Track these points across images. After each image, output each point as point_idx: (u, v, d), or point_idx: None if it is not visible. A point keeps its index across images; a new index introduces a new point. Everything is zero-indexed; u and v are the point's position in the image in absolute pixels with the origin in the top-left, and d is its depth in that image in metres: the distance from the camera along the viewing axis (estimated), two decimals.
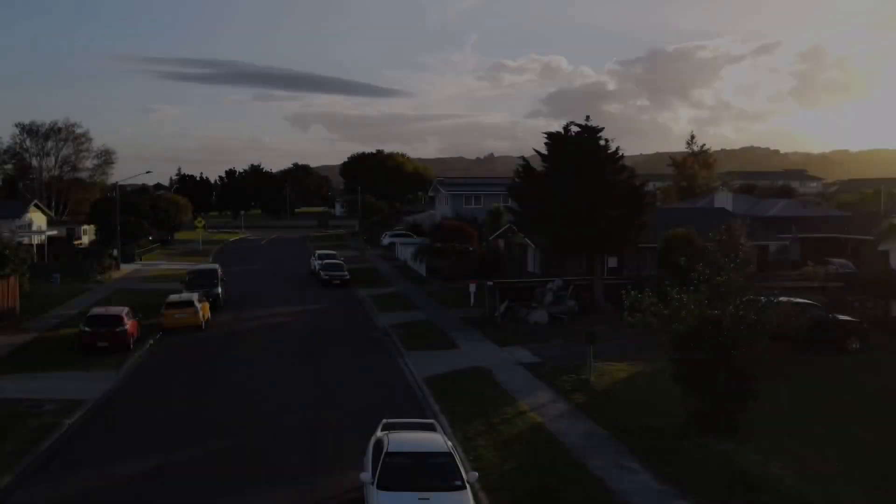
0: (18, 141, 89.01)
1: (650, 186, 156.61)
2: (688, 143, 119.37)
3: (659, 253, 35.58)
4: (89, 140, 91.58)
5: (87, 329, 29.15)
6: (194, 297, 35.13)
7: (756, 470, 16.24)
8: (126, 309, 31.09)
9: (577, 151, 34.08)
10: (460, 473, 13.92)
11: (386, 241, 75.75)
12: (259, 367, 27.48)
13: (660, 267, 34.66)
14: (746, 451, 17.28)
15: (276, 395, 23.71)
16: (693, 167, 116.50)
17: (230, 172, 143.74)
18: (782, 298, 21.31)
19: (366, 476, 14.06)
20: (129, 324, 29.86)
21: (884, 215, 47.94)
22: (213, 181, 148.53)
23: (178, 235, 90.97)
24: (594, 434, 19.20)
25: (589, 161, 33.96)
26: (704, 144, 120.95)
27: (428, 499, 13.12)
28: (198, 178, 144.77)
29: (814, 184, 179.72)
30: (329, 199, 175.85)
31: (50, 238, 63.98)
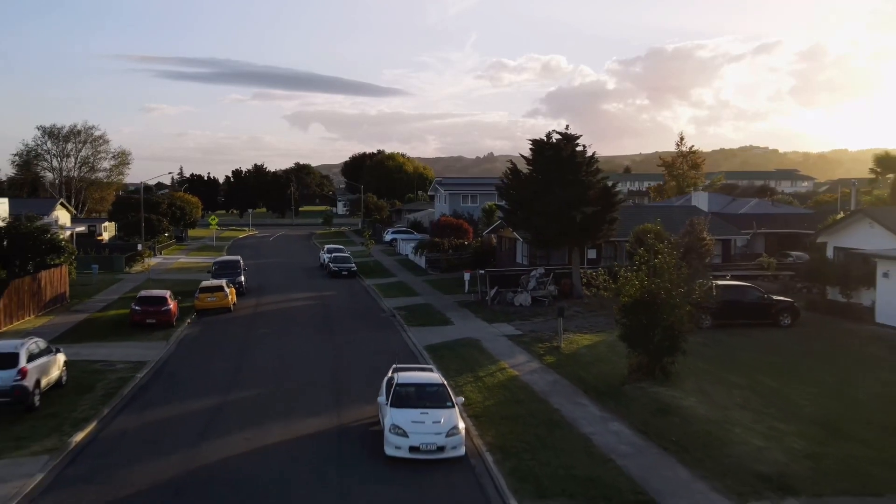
0: (40, 143, 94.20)
1: (645, 185, 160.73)
2: (677, 144, 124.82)
3: (629, 245, 40.59)
4: (107, 142, 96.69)
5: (137, 308, 34.28)
6: (223, 282, 40.25)
7: (675, 403, 21.34)
8: (168, 292, 36.22)
9: (558, 156, 39.12)
10: (450, 397, 19.03)
11: (388, 237, 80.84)
12: (285, 338, 32.61)
13: (628, 257, 39.65)
14: (672, 392, 22.38)
15: (303, 357, 28.85)
16: (682, 167, 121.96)
17: (236, 172, 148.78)
18: (718, 280, 26.47)
19: (382, 399, 19.22)
20: (171, 304, 34.99)
21: (840, 212, 52.85)
22: (216, 180, 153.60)
23: (191, 232, 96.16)
24: (558, 382, 24.32)
25: (567, 164, 39.01)
26: (693, 145, 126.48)
27: (427, 413, 18.19)
28: (205, 178, 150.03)
29: (805, 183, 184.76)
30: (331, 198, 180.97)
31: (74, 234, 69.04)
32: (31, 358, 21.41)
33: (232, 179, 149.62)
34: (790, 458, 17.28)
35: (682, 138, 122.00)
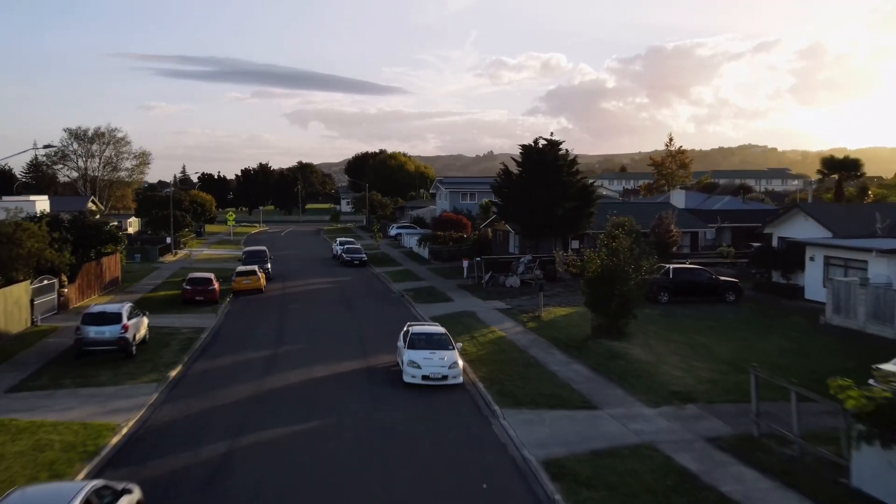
0: (66, 144, 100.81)
1: (637, 184, 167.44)
2: (666, 145, 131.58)
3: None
4: (128, 143, 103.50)
5: (188, 287, 40.77)
6: (256, 267, 46.74)
7: (625, 352, 27.77)
8: (213, 274, 42.71)
9: (543, 160, 45.58)
10: (451, 343, 25.54)
11: (393, 231, 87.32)
12: (313, 311, 39.08)
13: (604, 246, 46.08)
14: (623, 345, 28.84)
15: (331, 324, 35.33)
16: (671, 167, 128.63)
17: (245, 171, 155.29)
18: (675, 264, 32.75)
19: (400, 344, 25.74)
20: (216, 284, 41.47)
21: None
22: (225, 179, 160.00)
23: (207, 228, 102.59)
24: (537, 340, 30.79)
25: (551, 166, 45.46)
26: (681, 146, 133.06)
27: (434, 353, 24.63)
28: (216, 177, 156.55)
29: (795, 182, 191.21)
30: (333, 196, 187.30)
31: None
32: (129, 317, 27.89)
33: (241, 178, 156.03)
34: (697, 383, 23.79)
35: (670, 139, 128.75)
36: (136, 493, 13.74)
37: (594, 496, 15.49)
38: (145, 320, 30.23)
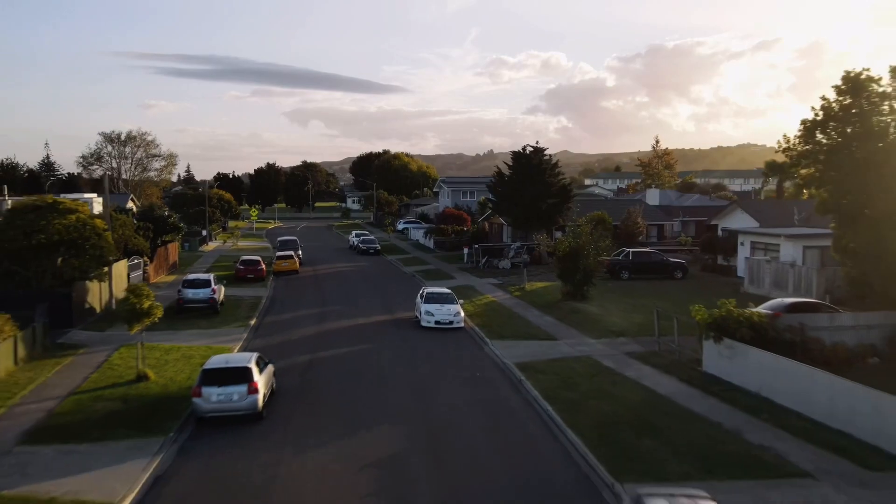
0: (101, 146, 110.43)
1: (630, 182, 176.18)
2: (653, 147, 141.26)
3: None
4: (157, 146, 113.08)
5: (241, 267, 50.40)
6: (292, 253, 56.39)
7: (584, 309, 37.34)
8: (260, 257, 52.33)
9: (529, 163, 55.14)
10: (455, 299, 35.16)
11: (400, 226, 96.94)
12: (344, 285, 48.69)
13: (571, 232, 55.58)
14: (584, 305, 38.41)
15: (360, 294, 44.93)
16: (657, 167, 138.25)
17: (258, 171, 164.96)
18: (634, 248, 42.24)
19: (418, 300, 35.42)
20: (263, 265, 51.09)
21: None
22: (240, 178, 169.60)
23: (230, 223, 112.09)
24: (520, 303, 40.37)
25: (536, 169, 55.01)
26: (667, 147, 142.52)
27: (443, 305, 34.21)
28: (230, 176, 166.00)
29: (787, 182, 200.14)
30: (338, 195, 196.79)
31: None
32: (215, 283, 37.50)
33: (254, 176, 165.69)
34: (630, 325, 33.41)
35: (657, 141, 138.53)
36: (273, 367, 23.33)
37: (545, 377, 25.06)
38: (223, 288, 39.83)
